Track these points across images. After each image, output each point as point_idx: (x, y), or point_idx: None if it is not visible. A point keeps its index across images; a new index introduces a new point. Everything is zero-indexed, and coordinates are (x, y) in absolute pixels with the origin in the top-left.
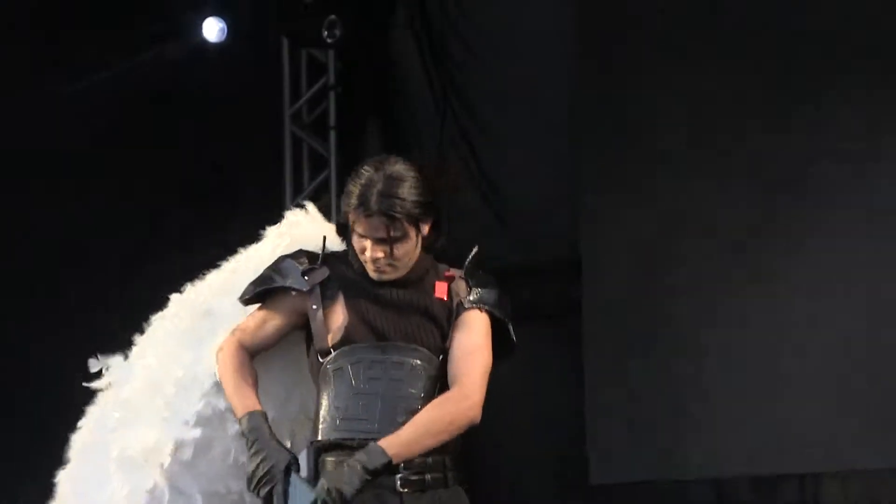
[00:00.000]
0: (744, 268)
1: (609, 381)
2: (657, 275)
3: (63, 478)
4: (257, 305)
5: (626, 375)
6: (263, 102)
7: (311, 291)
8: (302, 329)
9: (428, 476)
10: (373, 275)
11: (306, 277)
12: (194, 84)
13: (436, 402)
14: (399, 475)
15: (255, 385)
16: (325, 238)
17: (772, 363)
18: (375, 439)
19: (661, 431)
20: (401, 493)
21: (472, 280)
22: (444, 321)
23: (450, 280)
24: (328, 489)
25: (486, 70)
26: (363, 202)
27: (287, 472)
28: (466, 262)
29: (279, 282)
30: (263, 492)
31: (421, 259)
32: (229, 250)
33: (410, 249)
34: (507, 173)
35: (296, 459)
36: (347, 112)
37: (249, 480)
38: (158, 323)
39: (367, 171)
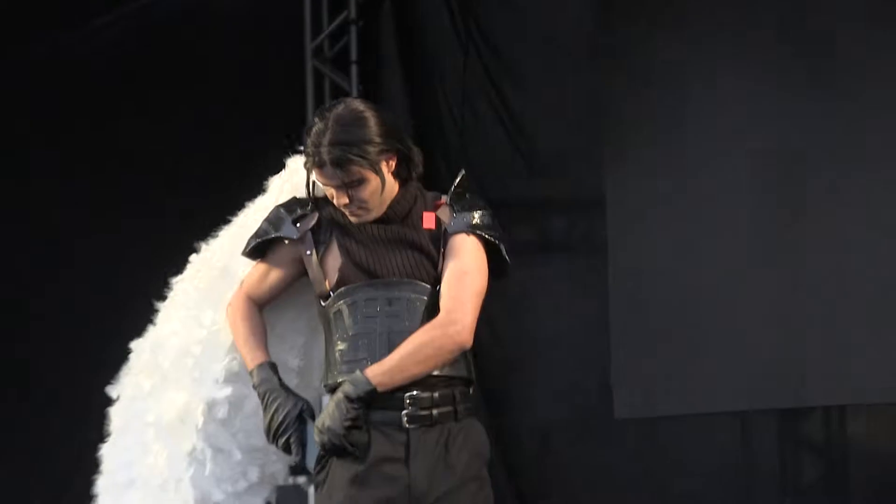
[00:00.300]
0: (771, 201)
1: (634, 315)
2: (682, 210)
3: (107, 451)
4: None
5: (651, 310)
6: (285, 37)
7: (303, 238)
8: (307, 275)
9: (435, 411)
10: (351, 219)
11: (298, 225)
12: (215, 19)
13: (422, 328)
14: (405, 411)
15: (264, 335)
16: (313, 183)
17: (798, 297)
18: None
19: (685, 365)
20: (407, 429)
21: (457, 205)
22: (433, 251)
23: (437, 208)
24: (321, 429)
25: (509, 5)
26: (314, 153)
27: (300, 418)
28: (451, 188)
29: (272, 233)
30: (281, 441)
31: (403, 193)
32: (252, 186)
33: (375, 190)
34: (532, 110)
35: (309, 405)
36: (369, 47)
37: (267, 432)
38: (179, 286)
39: (316, 121)
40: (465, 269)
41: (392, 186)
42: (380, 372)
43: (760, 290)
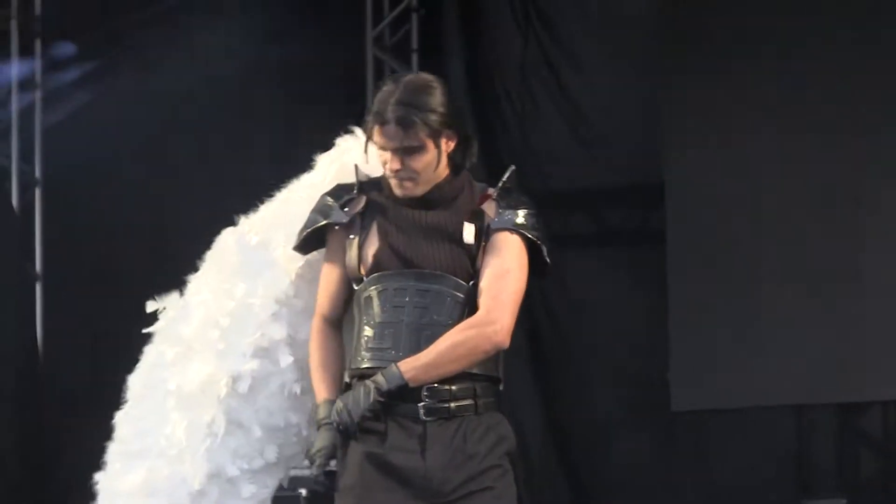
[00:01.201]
0: (831, 194)
1: (692, 307)
2: (741, 201)
3: (122, 418)
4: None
5: (710, 302)
6: (346, 25)
7: (351, 222)
8: None
9: (452, 404)
10: (397, 191)
11: (346, 209)
12: (277, 7)
13: (459, 326)
14: (422, 403)
15: (335, 364)
16: (356, 166)
17: (857, 289)
18: None
19: (744, 359)
20: (424, 421)
21: (503, 201)
22: (473, 245)
23: (483, 201)
24: (339, 409)
25: None
26: (379, 111)
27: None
28: (500, 183)
29: (320, 220)
30: (314, 467)
31: (451, 179)
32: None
33: (430, 162)
34: (591, 97)
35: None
36: (430, 35)
37: (307, 454)
38: (212, 258)
39: (387, 84)
40: (508, 268)
41: (444, 167)
42: (413, 367)
43: (820, 285)
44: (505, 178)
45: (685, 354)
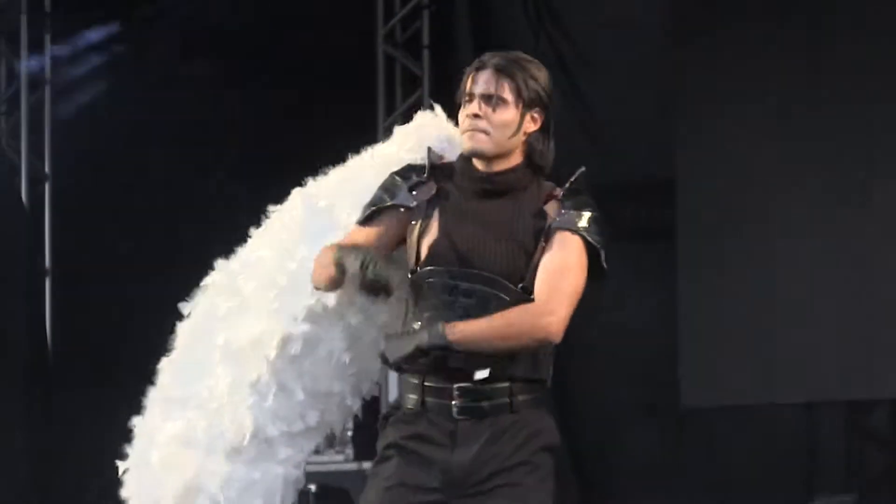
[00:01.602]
0: (840, 193)
1: (702, 303)
2: (752, 197)
3: (166, 365)
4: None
5: (720, 298)
6: (357, 21)
7: (417, 207)
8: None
9: (485, 403)
10: (466, 144)
11: (414, 193)
12: (288, 4)
13: (518, 308)
14: (454, 402)
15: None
16: (429, 149)
17: (868, 287)
18: None
19: (753, 355)
20: (456, 420)
21: (568, 201)
22: (532, 244)
23: (548, 200)
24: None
25: None
26: (481, 60)
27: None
28: (567, 184)
29: (387, 201)
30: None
31: (523, 170)
32: (321, 171)
33: (509, 123)
34: (602, 96)
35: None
36: (441, 31)
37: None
38: (276, 216)
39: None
40: (569, 265)
41: (518, 143)
42: (460, 330)
43: (829, 282)
44: (573, 178)
45: (695, 351)
